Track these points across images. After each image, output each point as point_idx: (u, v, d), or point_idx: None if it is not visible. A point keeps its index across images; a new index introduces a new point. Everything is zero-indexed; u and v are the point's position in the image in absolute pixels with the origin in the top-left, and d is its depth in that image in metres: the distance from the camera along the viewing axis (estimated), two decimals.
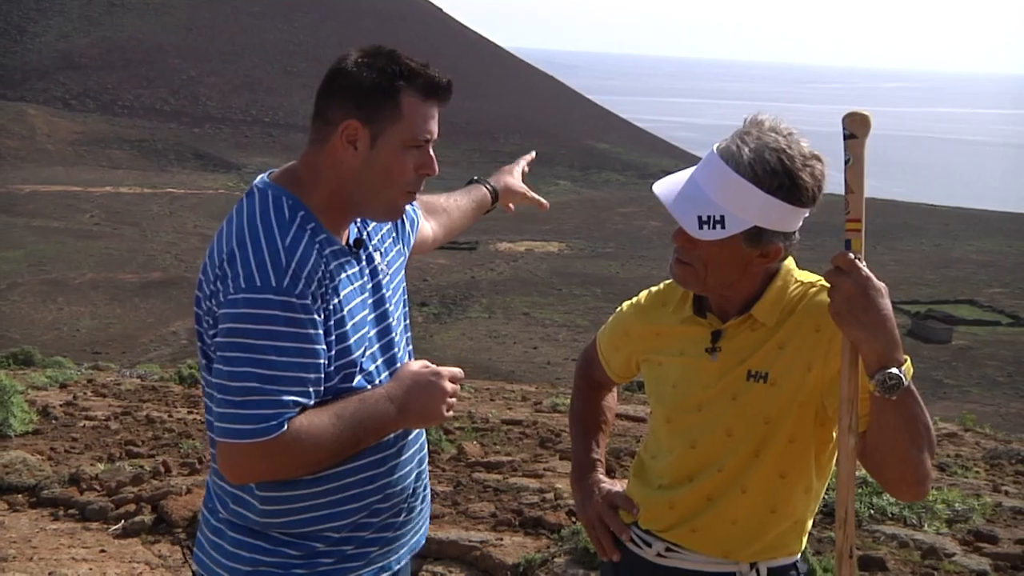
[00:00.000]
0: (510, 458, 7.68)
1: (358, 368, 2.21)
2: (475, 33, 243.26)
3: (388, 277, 2.38)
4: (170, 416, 8.84)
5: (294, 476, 2.15)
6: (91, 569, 5.18)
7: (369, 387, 2.22)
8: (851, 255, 2.05)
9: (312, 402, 2.11)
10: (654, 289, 2.56)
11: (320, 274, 2.12)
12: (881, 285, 2.04)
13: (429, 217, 2.85)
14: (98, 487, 6.24)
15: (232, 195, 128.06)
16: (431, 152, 2.24)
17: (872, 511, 6.10)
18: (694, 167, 2.26)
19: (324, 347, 2.12)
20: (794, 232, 2.24)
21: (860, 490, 6.01)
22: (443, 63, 2.20)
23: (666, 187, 2.26)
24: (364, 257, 2.31)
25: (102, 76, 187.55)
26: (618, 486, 2.60)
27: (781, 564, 2.39)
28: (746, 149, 2.16)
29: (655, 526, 2.43)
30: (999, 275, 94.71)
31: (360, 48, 2.22)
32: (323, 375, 2.13)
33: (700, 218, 2.17)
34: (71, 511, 5.95)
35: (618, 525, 2.51)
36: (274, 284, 2.05)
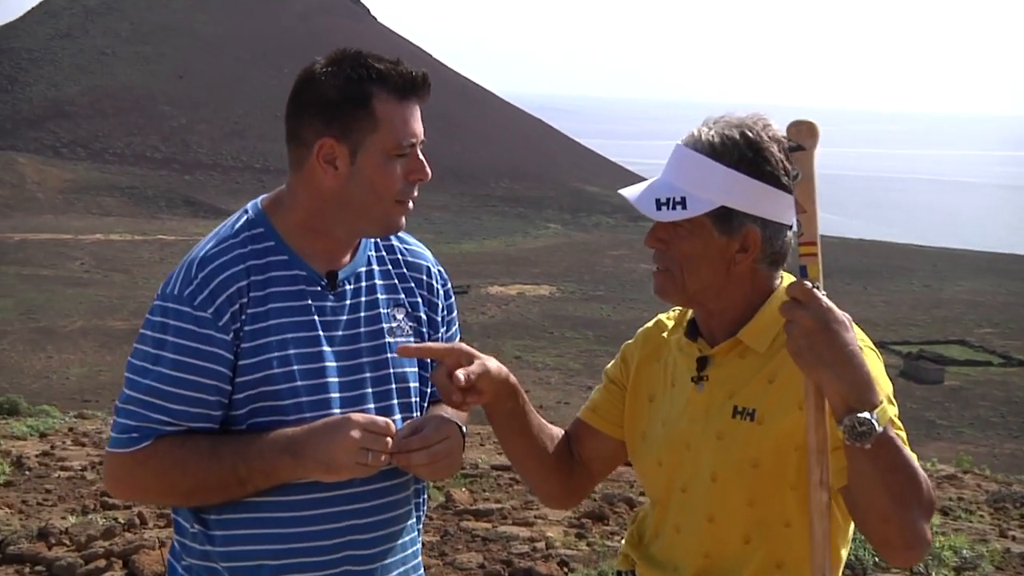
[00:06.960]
0: (499, 505, 7.46)
1: (283, 407, 1.96)
2: (460, 76, 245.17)
3: (377, 326, 2.10)
4: None
5: (163, 500, 2.03)
6: None
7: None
8: (808, 284, 1.78)
9: (197, 424, 1.92)
10: (663, 315, 2.29)
11: (235, 290, 1.92)
12: (844, 316, 1.77)
13: None
14: (67, 541, 5.97)
15: None
16: (420, 155, 2.01)
17: (876, 558, 5.84)
18: None
19: (225, 369, 1.92)
20: (780, 224, 2.00)
21: (861, 536, 5.78)
22: (427, 110, 2.01)
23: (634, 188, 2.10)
24: (343, 294, 2.06)
25: (92, 124, 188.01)
26: None
27: None
28: (705, 129, 2.01)
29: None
30: (989, 315, 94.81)
31: (325, 55, 2.01)
32: (220, 399, 1.93)
33: (658, 200, 1.97)
34: (38, 567, 5.68)
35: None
36: (176, 292, 1.92)
